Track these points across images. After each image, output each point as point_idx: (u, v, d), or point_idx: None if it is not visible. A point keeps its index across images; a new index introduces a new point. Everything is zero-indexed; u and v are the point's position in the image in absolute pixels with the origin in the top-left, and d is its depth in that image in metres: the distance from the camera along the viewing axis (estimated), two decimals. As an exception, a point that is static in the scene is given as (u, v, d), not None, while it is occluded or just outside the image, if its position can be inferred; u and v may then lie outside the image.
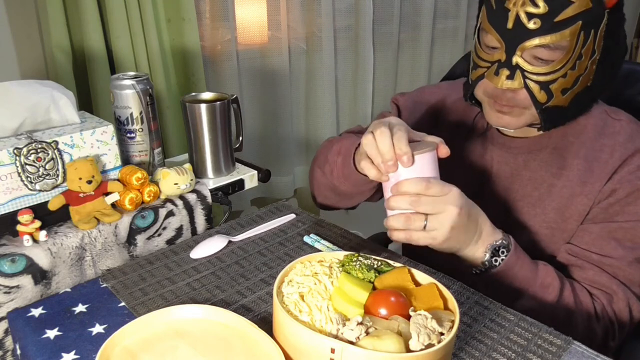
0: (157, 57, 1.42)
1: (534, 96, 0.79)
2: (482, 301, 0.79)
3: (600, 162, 0.85)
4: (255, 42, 1.78)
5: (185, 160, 1.17)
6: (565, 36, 0.74)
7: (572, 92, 0.79)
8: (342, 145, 0.91)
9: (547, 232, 0.89)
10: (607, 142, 0.86)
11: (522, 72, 0.78)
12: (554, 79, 0.77)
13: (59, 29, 1.29)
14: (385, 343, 0.57)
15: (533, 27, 0.74)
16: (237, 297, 0.81)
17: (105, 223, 0.90)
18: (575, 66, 0.76)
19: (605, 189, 0.84)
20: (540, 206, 0.89)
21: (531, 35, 0.75)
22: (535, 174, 0.90)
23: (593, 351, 0.69)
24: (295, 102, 1.92)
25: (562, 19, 0.73)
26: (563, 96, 0.79)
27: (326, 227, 1.00)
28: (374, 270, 0.69)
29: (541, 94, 0.78)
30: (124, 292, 0.82)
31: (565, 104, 0.80)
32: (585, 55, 0.76)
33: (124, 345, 0.66)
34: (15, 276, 0.80)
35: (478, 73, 0.83)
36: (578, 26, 0.74)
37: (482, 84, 0.84)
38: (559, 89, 0.78)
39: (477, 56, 0.84)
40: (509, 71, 0.78)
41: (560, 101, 0.80)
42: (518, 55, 0.77)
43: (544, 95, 0.78)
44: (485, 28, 0.81)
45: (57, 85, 0.95)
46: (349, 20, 1.92)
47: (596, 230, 0.84)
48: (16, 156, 0.83)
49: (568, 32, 0.74)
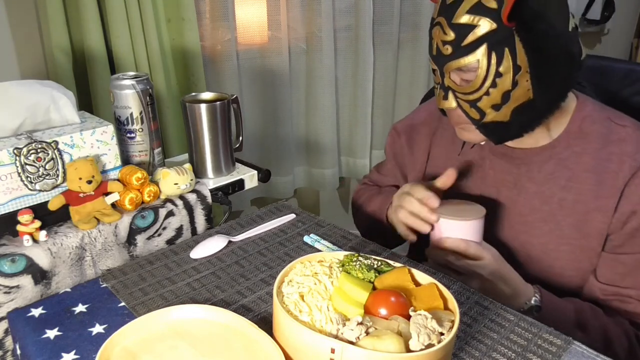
0: (157, 57, 1.42)
1: (467, 114, 0.83)
2: (482, 301, 0.79)
3: (610, 173, 0.84)
4: (255, 42, 1.78)
5: (185, 160, 1.17)
6: (475, 57, 0.78)
7: (507, 108, 0.80)
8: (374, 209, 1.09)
9: (566, 249, 0.88)
10: (614, 150, 0.85)
11: (453, 93, 0.83)
12: (479, 97, 0.80)
13: (59, 29, 1.29)
14: (385, 343, 0.57)
15: (447, 52, 0.80)
16: (237, 297, 0.81)
17: (105, 223, 0.90)
18: (495, 84, 0.79)
19: (623, 209, 0.83)
20: (553, 221, 0.88)
21: (447, 60, 0.80)
22: (543, 187, 0.89)
23: (593, 351, 0.69)
24: (295, 102, 1.92)
25: (468, 43, 0.77)
26: (497, 112, 0.81)
27: (326, 227, 1.00)
28: (374, 270, 0.69)
29: (472, 111, 0.82)
30: (124, 292, 0.82)
31: (506, 119, 0.81)
32: (506, 72, 0.78)
33: (124, 345, 0.66)
34: (15, 276, 0.80)
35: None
36: (485, 47, 0.77)
37: None
38: (488, 106, 0.81)
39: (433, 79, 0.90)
40: (444, 92, 0.84)
41: (497, 117, 0.81)
42: (447, 77, 0.82)
43: (475, 113, 0.82)
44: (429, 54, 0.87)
45: (57, 85, 0.95)
46: (349, 20, 1.92)
47: (630, 263, 0.85)
48: (16, 156, 0.83)
49: (478, 52, 0.77)
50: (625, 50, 3.19)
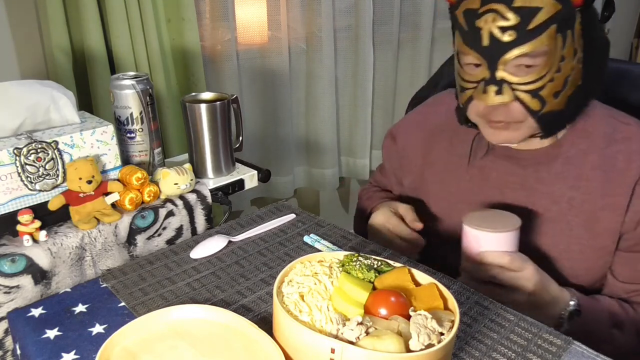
0: (157, 57, 1.42)
1: (527, 106, 0.78)
2: (482, 301, 0.79)
3: (618, 171, 0.84)
4: (255, 42, 1.78)
5: (185, 160, 1.17)
6: (543, 41, 0.74)
7: (564, 95, 0.78)
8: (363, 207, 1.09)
9: (576, 249, 0.87)
10: (621, 148, 0.84)
11: (509, 85, 0.78)
12: (542, 85, 0.77)
13: (59, 29, 1.29)
14: (385, 343, 0.57)
15: (508, 39, 0.75)
16: (237, 297, 0.81)
17: (105, 223, 0.90)
18: (560, 69, 0.76)
19: (636, 208, 0.82)
20: (563, 221, 0.87)
21: (509, 48, 0.75)
22: (552, 187, 0.87)
23: (593, 351, 0.69)
24: (295, 102, 1.92)
25: (535, 26, 0.73)
26: (556, 100, 0.78)
27: (326, 227, 1.00)
28: (374, 270, 0.69)
29: (534, 102, 0.78)
30: (124, 292, 0.82)
31: (561, 107, 0.79)
32: (568, 56, 0.76)
33: (124, 345, 0.66)
34: (15, 276, 0.80)
35: (466, 95, 0.83)
36: (553, 29, 0.74)
37: (472, 106, 0.84)
38: (550, 94, 0.77)
39: (462, 79, 0.83)
40: (496, 87, 0.78)
41: (554, 105, 0.79)
42: (501, 69, 0.77)
43: (537, 103, 0.78)
44: (463, 50, 0.81)
45: (57, 85, 0.95)
46: (349, 20, 1.92)
47: None
48: (16, 156, 0.83)
49: (545, 37, 0.74)
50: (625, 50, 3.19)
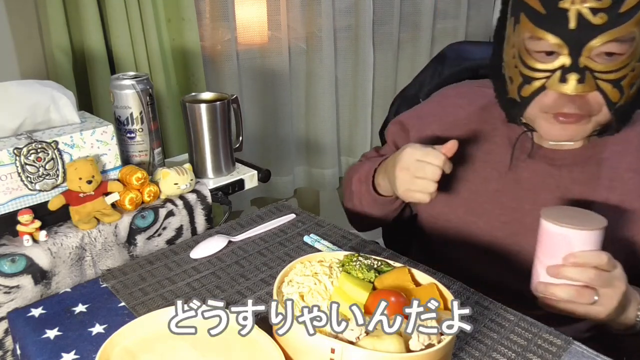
0: (157, 57, 1.42)
1: (607, 97, 0.73)
2: (482, 301, 0.79)
3: None
4: (255, 42, 1.78)
5: (185, 160, 1.16)
6: (631, 26, 0.69)
7: (636, 86, 0.74)
8: (361, 173, 0.97)
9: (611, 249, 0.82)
10: None
11: (592, 74, 0.72)
12: (625, 74, 0.72)
13: (59, 29, 1.29)
14: (385, 343, 0.57)
15: (599, 22, 0.69)
16: (237, 297, 0.81)
17: (105, 223, 0.90)
18: None
19: None
20: None
21: (599, 32, 0.69)
22: (588, 188, 0.84)
23: (593, 351, 0.69)
24: (295, 102, 1.92)
25: (627, 9, 0.68)
26: (631, 91, 0.74)
27: (326, 227, 1.00)
28: (374, 270, 0.69)
29: (614, 92, 0.72)
30: (124, 292, 0.82)
31: (630, 99, 0.75)
32: None
33: (124, 345, 0.66)
34: (15, 276, 0.80)
35: (534, 86, 0.76)
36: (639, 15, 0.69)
37: (541, 98, 0.77)
38: (628, 84, 0.73)
39: (530, 68, 0.77)
40: (578, 75, 0.72)
41: (629, 97, 0.74)
42: (585, 56, 0.71)
43: (616, 94, 0.73)
44: (538, 35, 0.74)
45: (57, 85, 0.95)
46: (349, 20, 1.92)
47: None
48: (16, 156, 0.83)
49: (633, 22, 0.69)
50: None
